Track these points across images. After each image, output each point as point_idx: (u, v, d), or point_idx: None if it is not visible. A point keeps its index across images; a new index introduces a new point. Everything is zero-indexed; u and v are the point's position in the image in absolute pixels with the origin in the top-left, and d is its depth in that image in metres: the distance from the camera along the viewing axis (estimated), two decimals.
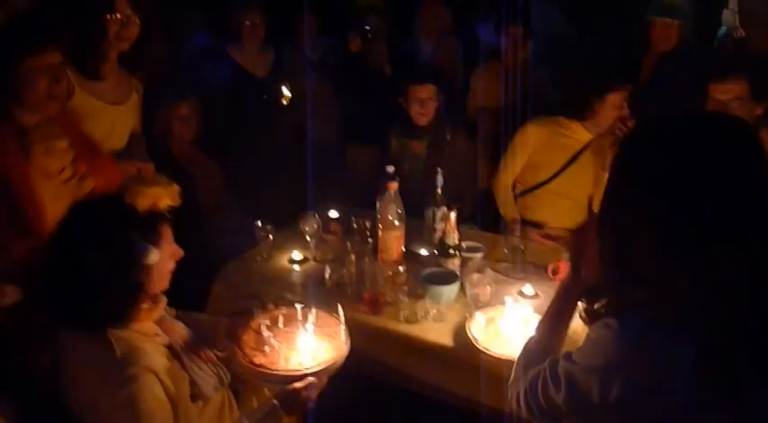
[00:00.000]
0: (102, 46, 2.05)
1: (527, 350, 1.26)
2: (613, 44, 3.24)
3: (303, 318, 1.59)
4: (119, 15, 2.01)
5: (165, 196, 1.37)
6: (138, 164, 2.09)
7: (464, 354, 1.80)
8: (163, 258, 1.37)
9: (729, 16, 3.64)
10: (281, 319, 1.60)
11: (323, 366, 1.44)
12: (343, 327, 1.60)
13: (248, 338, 1.52)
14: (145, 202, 1.33)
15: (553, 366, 1.07)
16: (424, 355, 1.87)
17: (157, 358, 1.33)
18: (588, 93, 2.40)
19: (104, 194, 1.37)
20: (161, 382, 1.29)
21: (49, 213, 1.68)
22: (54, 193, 1.74)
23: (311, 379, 1.43)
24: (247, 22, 3.09)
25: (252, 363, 1.44)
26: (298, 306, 1.63)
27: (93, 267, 1.27)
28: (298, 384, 1.41)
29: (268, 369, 1.43)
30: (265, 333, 1.53)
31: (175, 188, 1.39)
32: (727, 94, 2.18)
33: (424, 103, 2.70)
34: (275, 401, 1.40)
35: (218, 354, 1.54)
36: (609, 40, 3.31)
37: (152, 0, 2.13)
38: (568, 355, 1.05)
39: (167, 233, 1.39)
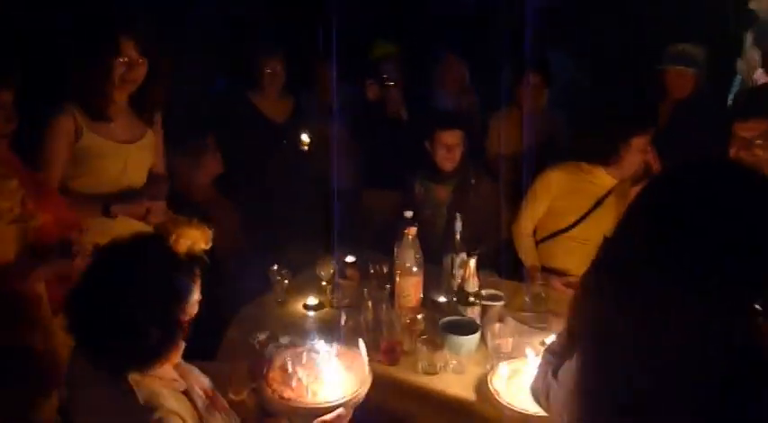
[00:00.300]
0: (107, 88, 2.05)
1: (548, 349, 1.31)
2: (628, 91, 3.25)
3: (326, 352, 1.65)
4: (124, 58, 2.01)
5: (201, 239, 1.38)
6: (147, 203, 2.08)
7: (486, 408, 1.72)
8: (195, 301, 1.36)
9: (743, 65, 3.64)
10: (304, 355, 1.64)
11: (349, 397, 1.49)
12: (365, 359, 1.61)
13: (275, 375, 1.55)
14: (185, 243, 1.34)
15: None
16: (443, 409, 1.79)
17: (179, 404, 1.32)
18: (612, 137, 2.37)
19: (142, 233, 1.36)
20: None
21: None
22: (2, 233, 1.73)
23: (340, 410, 1.46)
24: (268, 70, 3.15)
25: (282, 397, 1.48)
26: (320, 342, 1.68)
27: (135, 308, 1.24)
28: (327, 417, 1.44)
29: (298, 403, 1.47)
30: (291, 369, 1.57)
31: (209, 232, 1.41)
32: (752, 131, 2.16)
33: (451, 149, 2.70)
34: None
35: (233, 398, 1.55)
36: (623, 87, 3.33)
37: (161, 43, 2.14)
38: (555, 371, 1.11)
39: (199, 276, 1.38)
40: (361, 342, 1.66)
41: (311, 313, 2.22)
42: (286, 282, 2.27)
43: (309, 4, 4.03)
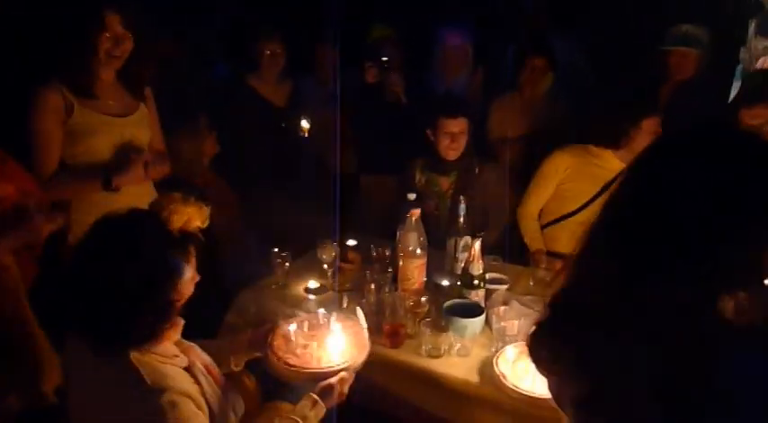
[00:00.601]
0: (93, 64, 2.01)
1: None
2: (632, 74, 3.20)
3: (326, 321, 1.72)
4: (110, 33, 1.98)
5: (197, 217, 1.34)
6: (145, 156, 2.05)
7: (490, 391, 1.69)
8: (188, 279, 1.33)
9: (745, 54, 3.60)
10: (305, 323, 1.72)
11: (351, 362, 1.59)
12: (364, 326, 1.71)
13: (279, 343, 1.63)
14: (179, 220, 1.30)
15: None
16: (448, 392, 1.76)
17: (185, 382, 1.31)
18: (623, 120, 2.34)
19: (136, 209, 1.32)
20: (195, 404, 1.28)
21: None
22: None
23: (343, 374, 1.55)
24: (267, 52, 3.10)
25: (287, 363, 1.56)
26: (320, 311, 1.76)
27: (127, 284, 1.20)
28: (332, 379, 1.53)
29: (304, 368, 1.56)
30: (294, 338, 1.65)
31: (206, 210, 1.38)
32: (758, 118, 2.16)
33: (455, 138, 2.55)
34: (315, 396, 1.49)
35: (234, 369, 1.63)
36: (627, 70, 3.28)
37: (145, 17, 2.11)
38: None
39: (194, 255, 1.35)
40: (359, 310, 1.75)
41: (312, 297, 2.18)
42: (287, 265, 2.23)
43: None
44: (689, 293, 0.80)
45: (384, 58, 3.09)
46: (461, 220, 2.22)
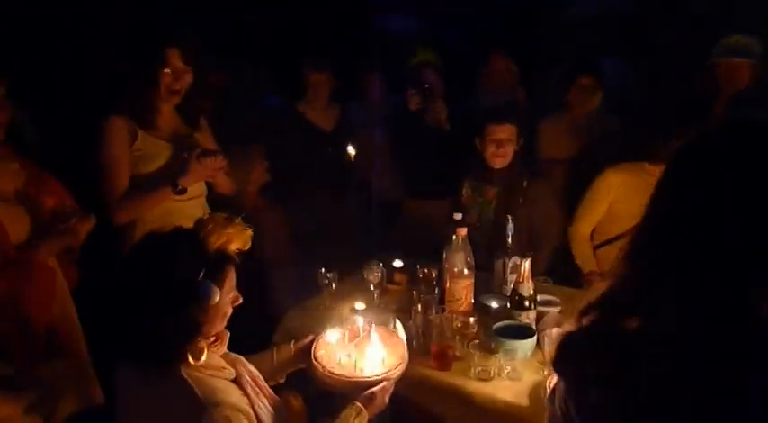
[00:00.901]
0: (155, 98, 2.11)
1: None
2: (682, 88, 3.11)
3: (366, 332, 1.74)
4: (169, 69, 2.07)
5: (236, 239, 1.35)
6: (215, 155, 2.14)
7: (542, 416, 1.61)
8: (223, 301, 1.34)
9: None
10: (347, 334, 1.75)
11: (393, 371, 1.62)
12: (403, 337, 1.73)
13: (322, 354, 1.67)
14: (217, 240, 1.31)
15: None
16: (497, 417, 1.69)
17: (235, 395, 1.32)
18: (673, 136, 2.25)
19: (179, 228, 1.35)
20: (246, 418, 1.28)
21: (11, 235, 1.81)
22: (11, 215, 1.84)
23: (385, 383, 1.58)
24: (314, 82, 3.17)
25: (332, 373, 1.60)
26: (360, 320, 1.78)
27: (155, 300, 1.23)
28: (375, 388, 1.55)
29: (348, 376, 1.60)
30: (336, 347, 1.70)
31: (248, 233, 1.38)
32: None
33: (501, 144, 2.49)
34: (359, 404, 1.51)
35: (279, 381, 1.67)
36: (677, 84, 3.19)
37: (204, 52, 2.21)
38: None
39: (231, 276, 1.37)
40: (397, 321, 1.79)
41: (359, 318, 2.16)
42: (333, 285, 2.23)
43: (353, 16, 4.08)
44: (732, 293, 0.78)
45: (426, 85, 3.08)
46: (509, 239, 2.17)
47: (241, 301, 1.41)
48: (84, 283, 2.12)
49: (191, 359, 1.27)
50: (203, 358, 1.29)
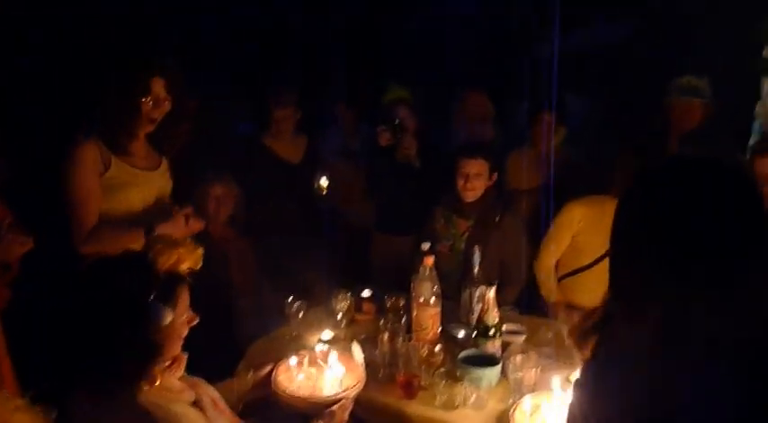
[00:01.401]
0: (133, 125, 2.08)
1: None
2: (640, 125, 3.24)
3: (324, 355, 1.84)
4: (151, 97, 2.05)
5: (187, 258, 1.34)
6: (185, 210, 2.11)
7: None
8: (177, 322, 1.33)
9: (761, 109, 3.61)
10: (306, 358, 1.84)
11: (352, 390, 1.71)
12: (360, 359, 1.86)
13: (282, 378, 1.75)
14: (167, 261, 1.30)
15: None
16: None
17: (194, 419, 1.32)
18: (630, 170, 2.34)
19: (129, 251, 1.34)
20: None
21: None
22: None
23: (343, 400, 1.65)
24: (278, 115, 3.16)
25: (293, 394, 1.68)
26: (318, 347, 1.89)
27: (106, 325, 1.21)
28: (335, 407, 1.62)
29: (308, 398, 1.69)
30: (296, 370, 1.79)
31: (199, 252, 1.38)
32: None
33: (470, 179, 2.55)
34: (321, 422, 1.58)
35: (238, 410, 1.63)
36: (634, 122, 3.33)
37: (186, 82, 2.19)
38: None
39: (185, 297, 1.36)
40: (354, 343, 1.91)
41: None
42: (301, 314, 2.22)
43: (325, 48, 4.16)
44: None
45: (396, 122, 3.11)
46: (476, 270, 2.21)
47: (197, 320, 1.39)
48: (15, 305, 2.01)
49: (145, 384, 1.25)
50: (158, 382, 1.27)
